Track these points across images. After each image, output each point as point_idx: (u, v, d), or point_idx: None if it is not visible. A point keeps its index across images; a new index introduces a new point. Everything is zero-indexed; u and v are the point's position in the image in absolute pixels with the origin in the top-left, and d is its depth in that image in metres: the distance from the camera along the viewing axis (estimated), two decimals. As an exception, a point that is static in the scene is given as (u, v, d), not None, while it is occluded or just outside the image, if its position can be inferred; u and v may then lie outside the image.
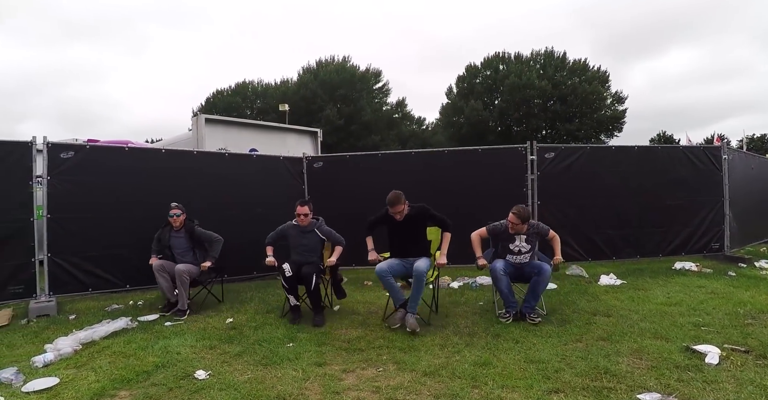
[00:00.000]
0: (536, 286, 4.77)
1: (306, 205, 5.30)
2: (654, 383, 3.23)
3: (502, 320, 4.70)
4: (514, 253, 4.98)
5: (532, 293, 4.80)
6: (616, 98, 34.69)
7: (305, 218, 5.25)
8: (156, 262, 5.49)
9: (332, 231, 5.38)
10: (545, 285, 4.88)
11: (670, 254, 7.66)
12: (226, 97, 36.69)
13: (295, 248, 5.27)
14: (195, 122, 8.14)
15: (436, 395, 3.10)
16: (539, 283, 4.77)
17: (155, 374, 3.61)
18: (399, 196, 4.82)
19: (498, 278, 4.78)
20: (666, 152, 7.90)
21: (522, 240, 4.96)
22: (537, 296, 4.82)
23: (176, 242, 5.69)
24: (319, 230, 5.32)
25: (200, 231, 5.73)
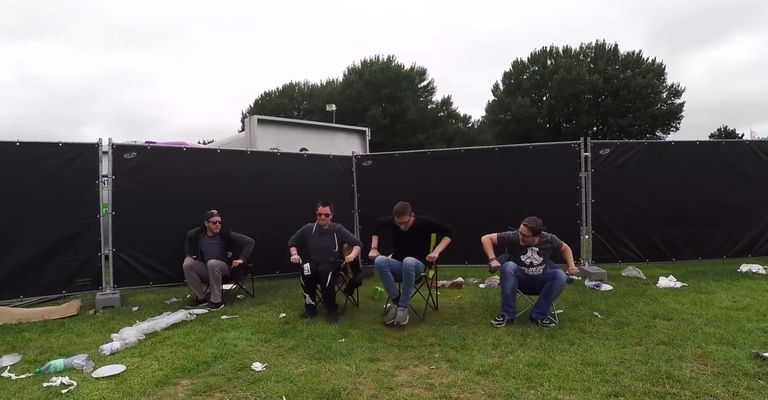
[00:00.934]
0: (549, 291, 4.60)
1: (327, 205, 5.46)
2: (721, 391, 3.07)
3: (494, 324, 4.57)
4: (525, 265, 4.82)
5: (545, 299, 4.63)
6: (672, 92, 33.03)
7: (326, 217, 5.42)
8: (188, 262, 5.79)
9: (350, 233, 5.61)
10: (558, 292, 4.68)
11: (735, 256, 7.24)
12: (273, 99, 37.55)
13: (314, 249, 5.44)
14: (247, 123, 8.38)
15: (490, 395, 3.06)
16: (553, 288, 4.59)
17: (214, 365, 3.75)
18: (406, 207, 5.00)
19: (506, 277, 4.63)
20: (731, 147, 7.47)
21: (534, 252, 4.81)
22: (549, 302, 4.65)
23: (209, 248, 5.95)
24: (337, 233, 5.48)
25: (235, 235, 6.05)
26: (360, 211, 7.62)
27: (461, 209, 6.99)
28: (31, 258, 5.66)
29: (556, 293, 4.65)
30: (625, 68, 32.35)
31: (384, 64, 35.28)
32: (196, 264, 5.80)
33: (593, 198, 6.95)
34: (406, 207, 5.00)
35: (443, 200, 7.09)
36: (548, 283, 4.63)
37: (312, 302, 5.14)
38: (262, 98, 38.33)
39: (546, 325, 4.51)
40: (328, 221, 5.46)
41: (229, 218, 6.54)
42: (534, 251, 4.81)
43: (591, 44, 33.75)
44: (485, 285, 6.39)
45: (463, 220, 6.94)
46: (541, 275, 4.78)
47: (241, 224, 6.60)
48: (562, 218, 6.80)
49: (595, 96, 32.18)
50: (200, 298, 5.77)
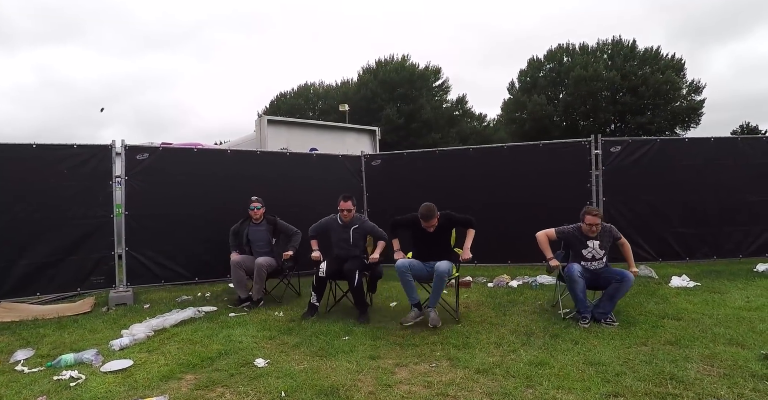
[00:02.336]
0: (615, 292, 4.50)
1: (349, 200, 5.30)
2: (725, 392, 3.01)
3: (583, 325, 4.41)
4: (587, 259, 4.73)
5: (610, 299, 4.52)
6: (692, 88, 32.38)
7: (348, 213, 5.28)
8: (236, 258, 5.70)
9: (375, 226, 5.41)
10: (624, 293, 4.57)
11: (751, 255, 7.08)
12: (289, 99, 37.88)
13: (338, 243, 5.35)
14: (258, 124, 8.48)
15: (488, 393, 3.06)
16: (620, 290, 4.50)
17: (218, 361, 3.82)
18: (432, 209, 4.75)
19: (575, 280, 4.50)
20: (748, 144, 7.30)
21: (595, 246, 4.72)
22: (614, 303, 4.54)
23: (256, 234, 5.88)
24: (362, 226, 5.36)
25: (282, 224, 5.96)
26: (369, 210, 7.65)
27: (471, 207, 6.90)
28: (47, 257, 5.81)
29: (622, 293, 4.57)
30: (644, 64, 31.81)
31: (398, 64, 35.27)
32: (244, 260, 5.68)
33: (604, 196, 6.87)
34: (432, 209, 4.75)
35: (453, 199, 7.06)
36: (615, 283, 4.52)
37: (317, 302, 5.10)
38: (278, 99, 38.69)
39: (609, 324, 4.44)
40: (351, 216, 5.31)
41: (240, 217, 6.64)
42: (595, 243, 4.73)
43: (608, 40, 33.29)
44: (493, 284, 6.35)
45: (475, 218, 6.94)
46: (606, 272, 4.70)
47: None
48: (573, 216, 6.70)
49: (612, 93, 31.70)
50: (243, 297, 5.62)
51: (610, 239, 4.78)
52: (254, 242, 5.88)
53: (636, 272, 4.73)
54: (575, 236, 4.77)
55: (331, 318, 4.96)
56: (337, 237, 5.36)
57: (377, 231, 5.38)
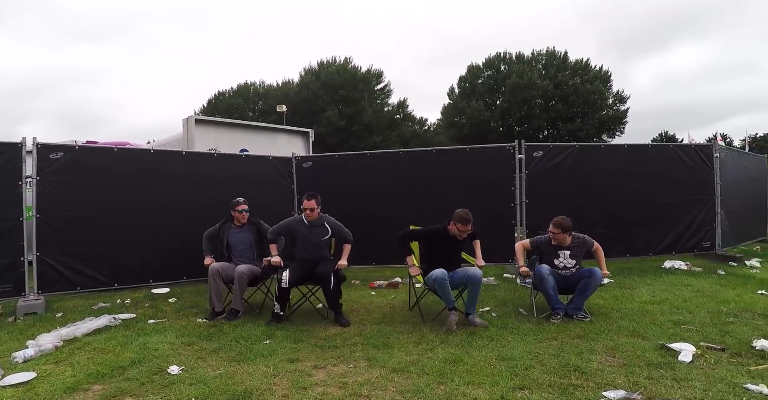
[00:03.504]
0: (586, 287, 4.74)
1: (313, 198, 5.10)
2: (623, 381, 3.23)
3: (554, 321, 4.60)
4: (558, 268, 4.94)
5: (581, 294, 4.76)
6: (617, 98, 34.63)
7: (312, 212, 5.09)
8: (214, 265, 5.20)
9: (341, 226, 5.24)
10: (595, 288, 4.83)
11: (660, 253, 7.64)
12: (228, 98, 36.96)
13: (304, 246, 5.11)
14: (185, 124, 8.22)
15: (400, 391, 3.12)
16: (589, 284, 4.74)
17: (130, 369, 3.66)
18: (469, 214, 4.76)
19: (544, 278, 4.69)
20: (657, 151, 7.88)
21: (566, 256, 4.93)
22: (584, 297, 4.78)
23: (238, 238, 5.48)
24: (327, 223, 5.19)
25: (266, 226, 5.52)
26: (300, 212, 7.57)
27: (401, 209, 7.06)
28: (-54, 264, 5.35)
29: (592, 289, 4.80)
30: (574, 75, 33.64)
31: (341, 66, 35.28)
32: (224, 268, 5.21)
33: (527, 199, 7.17)
34: (469, 214, 4.74)
35: (384, 201, 7.18)
36: (585, 279, 4.76)
37: (282, 312, 4.85)
38: (216, 97, 37.65)
39: (582, 319, 4.64)
40: (315, 215, 5.12)
41: (164, 220, 6.41)
42: (566, 254, 4.92)
43: (543, 51, 34.93)
44: (421, 285, 6.46)
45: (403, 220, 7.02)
46: (575, 275, 4.90)
47: (175, 226, 6.49)
48: (499, 218, 7.02)
49: (545, 101, 33.27)
50: (219, 310, 5.13)
51: (584, 249, 5.00)
52: (235, 247, 5.45)
53: (606, 273, 4.97)
54: (547, 245, 4.98)
55: (254, 322, 4.86)
56: (303, 239, 5.11)
57: (344, 232, 5.22)
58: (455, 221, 4.75)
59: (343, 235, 5.22)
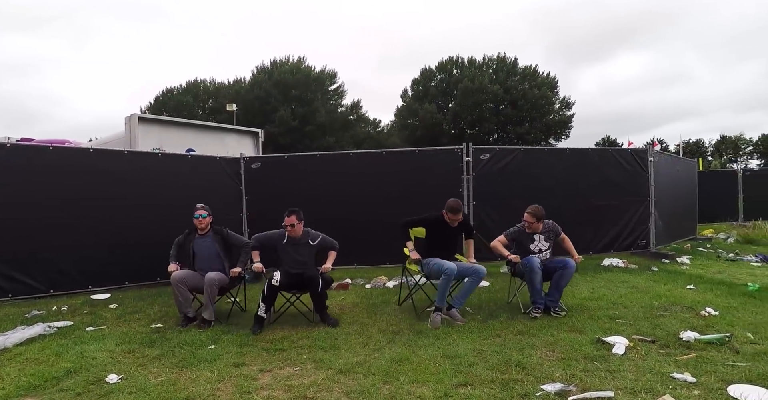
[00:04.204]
0: (560, 279, 4.93)
1: (294, 214, 4.84)
2: (560, 374, 3.36)
3: (535, 314, 4.75)
4: (534, 252, 5.13)
5: (556, 287, 4.95)
6: (564, 104, 36.07)
7: (293, 229, 4.85)
8: (177, 274, 4.87)
9: (325, 237, 5.08)
10: (569, 279, 5.02)
11: (600, 252, 8.03)
12: (176, 95, 35.82)
13: (288, 262, 4.90)
14: (128, 122, 7.91)
15: (346, 392, 3.13)
16: (563, 277, 4.93)
17: (65, 380, 3.49)
18: (460, 204, 5.09)
19: (535, 272, 4.83)
20: (596, 155, 8.28)
21: (540, 240, 5.17)
22: (560, 290, 4.98)
23: (201, 247, 5.10)
24: (311, 239, 4.99)
25: (232, 234, 5.25)
26: (249, 214, 7.48)
27: (351, 210, 7.10)
28: None
29: (567, 280, 4.97)
30: (524, 80, 34.78)
31: (294, 65, 34.91)
32: (188, 276, 4.89)
33: (474, 200, 7.35)
34: (460, 203, 5.08)
35: (335, 202, 7.17)
36: (559, 271, 4.93)
37: (265, 314, 4.61)
38: (164, 94, 36.39)
39: (558, 313, 4.79)
40: (297, 232, 4.88)
41: (104, 222, 6.15)
42: (540, 237, 5.16)
43: (494, 56, 35.86)
44: (371, 285, 6.52)
45: (353, 221, 7.07)
46: (550, 262, 5.09)
47: (117, 228, 6.25)
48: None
49: (496, 105, 34.21)
50: (191, 315, 4.85)
51: (554, 234, 5.28)
52: (199, 256, 5.07)
53: (579, 258, 5.21)
54: (522, 233, 5.19)
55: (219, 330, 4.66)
56: (287, 258, 4.91)
57: (329, 242, 5.08)
58: (447, 210, 5.00)
59: (328, 246, 5.08)
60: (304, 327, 4.67)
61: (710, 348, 3.77)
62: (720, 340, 3.89)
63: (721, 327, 4.30)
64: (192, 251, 5.12)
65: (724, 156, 49.72)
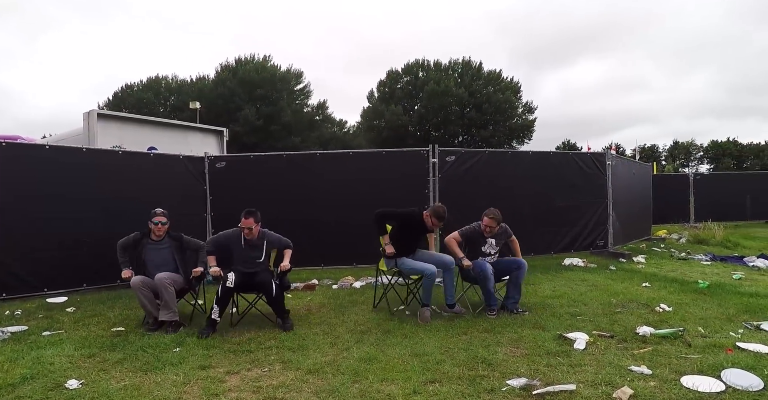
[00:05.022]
0: (517, 278, 5.07)
1: (251, 216, 4.74)
2: (525, 369, 3.46)
3: (490, 316, 4.85)
4: (484, 254, 5.22)
5: (515, 287, 5.07)
6: (526, 108, 36.98)
7: (250, 231, 4.77)
8: (136, 278, 4.65)
9: (280, 238, 5.02)
10: (523, 277, 5.18)
11: (560, 252, 8.28)
12: (136, 92, 34.78)
13: (242, 262, 4.81)
14: (86, 118, 7.63)
15: (315, 392, 3.13)
16: (520, 275, 5.08)
17: (21, 387, 3.34)
18: (446, 212, 5.13)
19: (488, 278, 4.91)
20: (557, 158, 8.53)
21: (492, 243, 5.27)
22: (519, 290, 5.11)
23: (154, 254, 4.90)
24: (267, 241, 4.93)
25: (188, 240, 5.07)
26: (213, 214, 7.35)
27: (317, 211, 7.08)
28: None
29: (523, 278, 5.15)
30: (488, 84, 35.46)
31: (259, 64, 34.45)
32: (147, 280, 4.67)
33: (440, 201, 7.43)
34: (446, 210, 5.15)
35: (300, 203, 7.13)
36: (514, 272, 5.09)
37: (218, 317, 4.48)
38: (123, 91, 35.26)
39: (521, 313, 4.90)
40: (254, 234, 4.79)
41: (61, 223, 5.93)
42: (492, 241, 5.26)
43: (459, 60, 36.42)
44: (338, 286, 6.52)
45: (320, 222, 7.06)
46: (499, 263, 5.22)
47: (74, 227, 6.03)
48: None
49: (461, 108, 34.70)
50: (162, 318, 4.63)
51: (504, 237, 5.40)
52: (151, 262, 4.87)
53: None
54: (476, 234, 5.26)
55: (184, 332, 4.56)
56: (241, 257, 4.81)
57: (283, 241, 5.00)
58: (432, 215, 5.08)
59: (283, 245, 5.02)
60: (270, 328, 4.63)
61: (665, 342, 3.96)
62: (673, 334, 4.10)
63: (674, 322, 4.53)
64: (143, 259, 4.90)
65: (676, 161, 52.09)
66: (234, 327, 4.70)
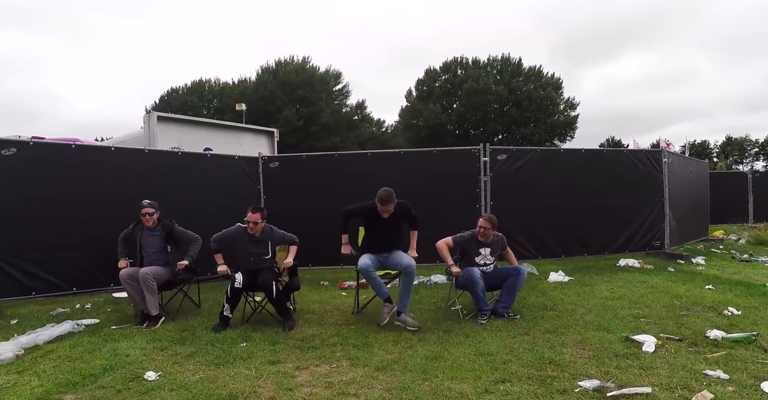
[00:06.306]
0: (513, 285, 4.90)
1: (258, 212, 4.95)
2: (595, 371, 3.40)
3: (481, 322, 4.65)
4: (479, 265, 5.07)
5: (509, 293, 4.90)
6: (568, 104, 36.04)
7: (256, 226, 4.93)
8: (123, 271, 5.00)
9: (284, 234, 5.17)
10: (521, 285, 5.00)
11: (615, 252, 8.06)
12: (181, 95, 35.84)
13: (244, 256, 4.99)
14: (147, 120, 7.95)
15: (387, 389, 3.16)
16: (517, 283, 4.91)
17: (103, 377, 3.52)
18: (391, 194, 4.74)
19: (476, 282, 4.75)
20: (611, 155, 8.32)
21: (487, 253, 5.10)
22: (513, 296, 4.94)
23: (149, 241, 5.24)
24: (271, 239, 5.06)
25: (179, 230, 5.35)
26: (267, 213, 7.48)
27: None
28: None
29: (520, 286, 4.97)
30: (528, 81, 34.76)
31: (299, 66, 34.89)
32: (135, 272, 4.98)
33: (492, 200, 7.39)
34: (391, 194, 4.71)
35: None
36: (512, 278, 4.92)
37: (230, 314, 4.71)
38: (169, 94, 36.42)
39: (512, 317, 4.77)
40: (259, 230, 4.93)
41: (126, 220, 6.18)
42: (487, 251, 5.08)
43: (498, 57, 35.87)
44: (391, 285, 6.52)
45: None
46: (496, 271, 5.08)
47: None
48: (464, 219, 7.08)
49: (500, 105, 34.20)
50: (154, 313, 4.94)
51: (500, 247, 5.21)
52: (147, 248, 5.22)
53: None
54: (470, 243, 5.09)
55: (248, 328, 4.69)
56: (245, 251, 4.97)
57: (288, 237, 5.16)
58: (377, 199, 4.75)
59: (287, 241, 5.17)
60: (332, 325, 4.71)
61: (738, 346, 3.80)
62: (747, 338, 3.93)
63: (745, 326, 4.34)
64: (140, 245, 5.23)
65: (729, 158, 49.70)
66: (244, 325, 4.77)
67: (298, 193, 7.30)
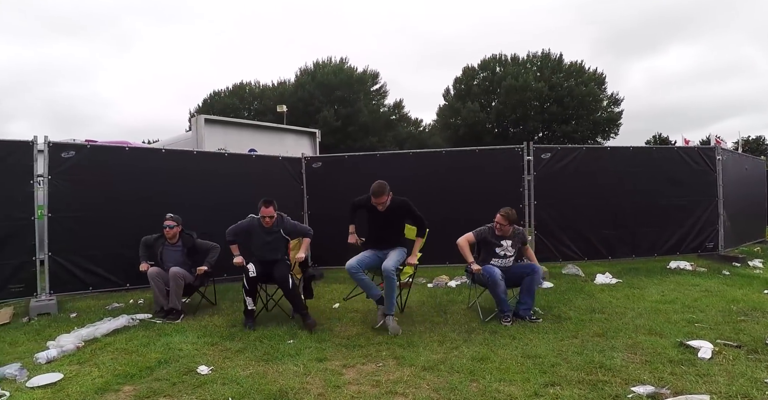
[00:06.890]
0: (531, 284, 4.81)
1: (271, 205, 5.05)
2: (648, 377, 3.30)
3: (505, 323, 4.58)
4: (499, 257, 5.01)
5: (528, 293, 4.80)
6: (612, 100, 34.86)
7: (270, 219, 5.05)
8: (153, 269, 5.33)
9: (297, 224, 5.33)
10: (539, 283, 4.93)
11: (665, 254, 7.75)
12: (223, 98, 36.76)
13: (259, 247, 5.12)
14: (194, 123, 8.21)
15: (435, 389, 3.17)
16: (534, 281, 4.83)
17: (158, 370, 3.68)
18: (383, 186, 4.72)
19: (497, 283, 4.68)
20: (661, 153, 8.00)
21: (508, 245, 5.04)
22: (533, 295, 4.84)
23: (170, 254, 5.54)
24: (284, 229, 5.17)
25: (200, 242, 5.63)
26: (310, 212, 7.62)
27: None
28: (-44, 263, 5.32)
29: (537, 284, 4.90)
30: (569, 77, 33.81)
31: (337, 66, 35.22)
32: (162, 272, 5.33)
33: (536, 200, 7.25)
34: (383, 186, 4.70)
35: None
36: (528, 277, 4.83)
37: (253, 306, 4.85)
38: (211, 97, 37.43)
39: (534, 321, 4.66)
40: (272, 223, 5.08)
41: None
42: (508, 243, 5.03)
43: (537, 53, 35.12)
44: (433, 284, 6.54)
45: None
46: (514, 268, 5.01)
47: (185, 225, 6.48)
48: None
49: (540, 103, 33.43)
50: (167, 308, 5.26)
51: (520, 241, 5.15)
52: (167, 262, 5.45)
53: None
54: (490, 235, 5.05)
55: (274, 322, 4.86)
56: (260, 241, 5.11)
57: (300, 228, 5.32)
58: (370, 192, 4.73)
59: (301, 232, 5.32)
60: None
61: (802, 355, 3.61)
62: (813, 347, 3.72)
63: (810, 334, 4.11)
64: (161, 258, 5.53)
65: (787, 154, 47.00)
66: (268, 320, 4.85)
67: (340, 194, 7.33)
